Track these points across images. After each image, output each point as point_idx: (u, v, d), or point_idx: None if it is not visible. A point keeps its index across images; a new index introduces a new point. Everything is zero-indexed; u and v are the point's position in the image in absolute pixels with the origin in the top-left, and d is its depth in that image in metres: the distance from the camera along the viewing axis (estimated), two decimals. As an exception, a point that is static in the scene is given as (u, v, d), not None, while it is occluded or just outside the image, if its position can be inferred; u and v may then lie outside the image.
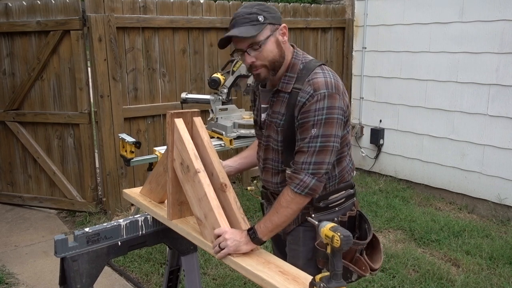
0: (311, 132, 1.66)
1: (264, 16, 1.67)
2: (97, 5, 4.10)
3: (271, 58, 1.72)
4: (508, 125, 4.27)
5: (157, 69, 4.56)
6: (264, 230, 1.68)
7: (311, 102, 1.66)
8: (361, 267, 1.79)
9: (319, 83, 1.67)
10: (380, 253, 1.89)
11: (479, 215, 4.54)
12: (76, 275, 1.89)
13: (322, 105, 1.65)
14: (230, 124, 3.54)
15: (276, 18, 1.72)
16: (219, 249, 1.66)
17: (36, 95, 4.43)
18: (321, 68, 1.74)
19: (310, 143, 1.67)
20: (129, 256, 3.58)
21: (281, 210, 1.68)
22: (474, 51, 4.44)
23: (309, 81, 1.69)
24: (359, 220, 1.92)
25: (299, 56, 1.79)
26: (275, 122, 1.79)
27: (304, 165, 1.67)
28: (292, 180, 1.69)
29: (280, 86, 1.77)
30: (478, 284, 3.25)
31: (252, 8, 1.69)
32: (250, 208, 4.46)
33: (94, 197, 4.47)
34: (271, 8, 1.72)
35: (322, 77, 1.70)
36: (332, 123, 1.67)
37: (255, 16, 1.67)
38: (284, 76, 1.77)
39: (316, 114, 1.65)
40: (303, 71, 1.74)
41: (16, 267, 3.59)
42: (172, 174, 1.91)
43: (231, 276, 3.32)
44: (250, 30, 1.66)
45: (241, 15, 1.69)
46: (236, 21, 1.69)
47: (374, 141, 5.49)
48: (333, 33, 5.78)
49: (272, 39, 1.70)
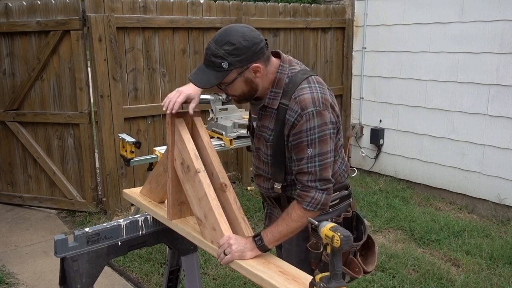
0: (307, 152, 1.65)
1: (230, 62, 1.60)
2: (97, 5, 4.10)
3: (239, 93, 1.72)
4: (508, 125, 4.27)
5: (157, 69, 4.56)
6: (271, 238, 1.68)
7: (301, 122, 1.63)
8: (354, 268, 1.79)
9: (306, 100, 1.64)
10: (374, 255, 1.89)
11: (479, 215, 4.54)
12: (76, 275, 1.89)
13: (313, 124, 1.63)
14: (230, 124, 3.54)
15: (244, 60, 1.61)
16: (224, 255, 1.66)
17: (36, 95, 4.43)
18: (307, 81, 1.69)
19: (309, 164, 1.66)
20: (129, 256, 3.58)
21: (291, 224, 1.68)
22: (474, 51, 4.44)
23: (295, 99, 1.66)
24: (356, 221, 1.92)
25: (285, 70, 1.72)
26: (264, 136, 1.79)
27: (310, 183, 1.67)
28: (303, 199, 1.68)
29: (267, 102, 1.74)
30: (478, 284, 3.25)
31: (221, 48, 1.60)
32: (250, 208, 4.46)
33: (94, 197, 4.47)
34: (241, 49, 1.60)
35: (308, 92, 1.65)
36: (326, 140, 1.66)
37: (219, 62, 1.60)
38: (270, 92, 1.73)
39: (309, 134, 1.63)
40: (289, 85, 1.70)
41: (16, 267, 3.59)
42: (172, 174, 1.91)
43: (231, 276, 3.32)
44: (211, 78, 1.64)
45: (209, 54, 1.63)
46: (205, 59, 1.66)
47: (374, 141, 5.49)
48: (333, 33, 5.78)
49: (239, 79, 1.66)
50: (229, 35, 1.61)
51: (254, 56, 1.63)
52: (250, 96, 1.74)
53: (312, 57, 5.63)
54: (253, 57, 1.63)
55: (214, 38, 1.63)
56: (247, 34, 1.62)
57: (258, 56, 1.64)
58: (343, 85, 5.93)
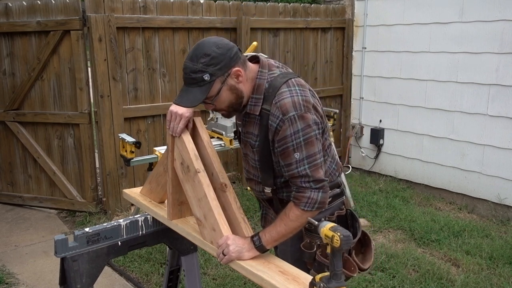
0: (294, 157, 1.64)
1: (210, 73, 1.61)
2: (97, 5, 4.10)
3: (227, 104, 1.72)
4: (508, 125, 4.27)
5: (157, 69, 4.56)
6: (269, 239, 1.68)
7: (284, 127, 1.63)
8: (350, 267, 1.79)
9: (287, 104, 1.63)
10: (371, 251, 1.89)
11: (479, 215, 4.54)
12: (76, 275, 1.89)
13: (296, 128, 1.62)
14: (230, 124, 3.54)
15: (224, 67, 1.62)
16: (223, 256, 1.66)
17: (36, 95, 4.43)
18: (287, 85, 1.68)
19: (299, 168, 1.65)
20: (129, 256, 3.58)
21: (289, 224, 1.68)
22: (474, 51, 4.44)
23: (276, 103, 1.65)
24: (351, 219, 1.92)
25: (264, 75, 1.72)
26: (250, 142, 1.80)
27: (304, 184, 1.66)
28: (299, 200, 1.67)
29: (248, 109, 1.74)
30: (478, 284, 3.25)
31: (198, 62, 1.61)
32: (250, 208, 4.46)
33: (94, 197, 4.47)
34: (217, 57, 1.61)
35: (288, 96, 1.65)
36: (312, 141, 1.65)
37: (200, 76, 1.61)
38: (251, 98, 1.73)
39: (293, 138, 1.63)
40: (269, 90, 1.69)
41: (16, 267, 3.59)
42: (172, 174, 1.91)
43: (231, 276, 3.32)
44: (197, 95, 1.63)
45: (188, 73, 1.63)
46: (185, 79, 1.66)
47: (374, 141, 5.49)
48: (333, 33, 5.78)
49: (224, 88, 1.66)
50: (201, 48, 1.63)
51: (232, 61, 1.64)
52: (238, 105, 1.73)
53: (312, 57, 5.63)
54: (230, 62, 1.64)
55: (188, 57, 1.65)
56: (218, 43, 1.64)
57: (235, 60, 1.65)
58: (343, 85, 5.93)
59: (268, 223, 1.98)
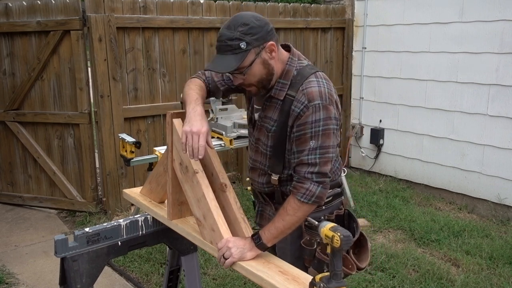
0: (309, 144, 1.66)
1: (247, 42, 1.61)
2: (97, 5, 4.10)
3: (258, 79, 1.71)
4: (508, 125, 4.28)
5: (157, 69, 4.56)
6: (268, 236, 1.68)
7: (306, 113, 1.65)
8: (348, 265, 1.80)
9: (313, 93, 1.66)
10: (367, 252, 1.90)
11: (479, 215, 4.54)
12: (76, 275, 1.89)
13: (318, 116, 1.64)
14: (230, 124, 3.54)
15: (260, 38, 1.64)
16: (224, 259, 1.65)
17: (36, 95, 4.43)
18: (315, 75, 1.72)
19: (310, 155, 1.66)
20: (129, 256, 3.58)
21: (287, 218, 1.68)
22: (474, 51, 4.44)
23: (303, 90, 1.68)
24: (348, 219, 1.93)
25: (294, 62, 1.76)
26: (266, 127, 1.79)
27: (308, 174, 1.67)
28: (297, 190, 1.68)
29: (273, 93, 1.75)
30: (478, 284, 3.25)
31: (235, 30, 1.61)
32: (250, 208, 4.46)
33: (94, 197, 4.47)
34: (255, 28, 1.62)
35: (316, 86, 1.68)
36: (329, 134, 1.67)
37: (237, 44, 1.61)
38: (278, 82, 1.74)
39: (313, 126, 1.65)
40: (297, 77, 1.72)
41: (16, 267, 3.59)
42: (172, 174, 1.91)
43: (231, 276, 3.32)
44: (232, 62, 1.62)
45: (224, 40, 1.63)
46: (219, 47, 1.66)
47: (374, 141, 5.49)
48: (333, 33, 5.78)
49: (257, 61, 1.66)
50: (240, 18, 1.64)
51: (268, 36, 1.66)
52: (268, 81, 1.73)
53: (312, 57, 5.62)
54: (267, 36, 1.66)
55: (224, 26, 1.66)
56: (257, 16, 1.67)
57: (271, 35, 1.67)
58: (343, 85, 5.93)
59: (264, 220, 1.98)
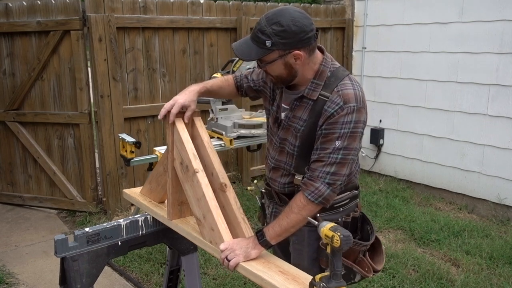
0: (335, 144, 1.66)
1: (273, 42, 1.60)
2: (97, 5, 4.10)
3: (277, 75, 1.72)
4: (508, 125, 4.28)
5: (157, 69, 4.56)
6: (272, 233, 1.68)
7: (340, 114, 1.65)
8: (364, 268, 1.80)
9: (349, 95, 1.66)
10: (382, 254, 1.90)
11: (479, 215, 4.54)
12: (76, 275, 1.89)
13: (350, 118, 1.65)
14: (230, 124, 3.54)
15: (289, 44, 1.61)
16: (228, 261, 1.64)
17: (36, 95, 4.43)
18: (349, 78, 1.73)
19: (332, 154, 1.66)
20: (129, 256, 3.58)
21: (291, 216, 1.68)
22: (474, 51, 4.44)
23: (338, 92, 1.67)
24: (361, 221, 1.93)
25: (328, 64, 1.75)
26: (295, 127, 1.78)
27: (322, 173, 1.67)
28: (307, 187, 1.68)
29: (306, 93, 1.74)
30: (478, 284, 3.25)
31: (269, 26, 1.61)
32: (250, 208, 4.46)
33: (94, 197, 4.47)
34: (289, 33, 1.60)
35: (351, 89, 1.68)
36: (355, 136, 1.68)
37: (264, 40, 1.61)
38: (311, 82, 1.73)
39: (343, 127, 1.65)
40: (331, 78, 1.72)
41: (16, 267, 3.59)
42: (172, 174, 1.91)
43: (231, 276, 3.32)
44: (252, 52, 1.65)
45: (257, 29, 1.64)
46: (252, 33, 1.67)
47: (374, 141, 5.49)
48: (333, 33, 5.78)
49: (279, 61, 1.66)
50: (281, 16, 1.61)
51: (299, 44, 1.63)
52: (288, 81, 1.74)
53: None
54: (297, 44, 1.63)
55: (267, 15, 1.65)
56: (299, 20, 1.62)
57: (303, 44, 1.64)
58: (343, 85, 5.92)
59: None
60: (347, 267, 1.78)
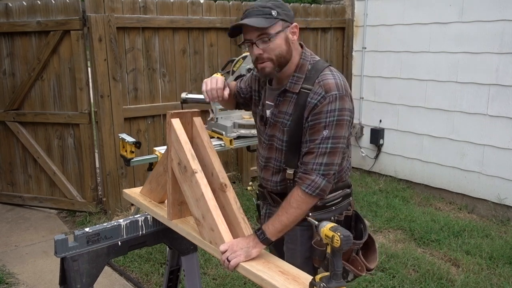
0: (322, 133, 1.68)
1: (278, 12, 1.69)
2: (97, 5, 4.10)
3: (278, 53, 1.72)
4: (508, 125, 4.28)
5: (157, 69, 4.56)
6: (272, 230, 1.68)
7: (323, 103, 1.67)
8: (357, 266, 1.80)
9: (330, 84, 1.69)
10: (375, 253, 1.90)
11: (479, 215, 4.54)
12: (76, 275, 1.89)
13: (334, 106, 1.67)
14: (230, 124, 3.54)
15: (288, 16, 1.73)
16: (228, 261, 1.64)
17: (36, 95, 4.43)
18: (329, 69, 1.76)
19: (321, 144, 1.68)
20: (129, 256, 3.59)
21: (291, 211, 1.69)
22: (474, 51, 4.44)
23: (319, 82, 1.71)
24: (355, 220, 1.93)
25: (307, 57, 1.80)
26: (281, 122, 1.79)
27: (315, 165, 1.69)
28: (303, 181, 1.70)
29: (288, 86, 1.77)
30: (478, 284, 3.25)
31: (267, 2, 1.71)
32: (250, 208, 4.46)
33: (94, 197, 4.47)
34: (285, 6, 1.73)
35: (332, 78, 1.71)
36: (342, 124, 1.69)
37: (268, 10, 1.68)
38: (292, 76, 1.77)
39: (328, 115, 1.67)
40: (311, 71, 1.75)
41: (16, 267, 3.59)
42: (172, 174, 1.91)
43: (231, 276, 3.32)
44: (262, 21, 1.67)
45: (255, 7, 1.71)
46: (249, 12, 1.71)
47: (374, 141, 5.49)
48: (333, 33, 5.78)
49: (282, 35, 1.71)
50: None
51: (293, 19, 1.76)
52: (285, 61, 1.75)
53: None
54: (292, 18, 1.75)
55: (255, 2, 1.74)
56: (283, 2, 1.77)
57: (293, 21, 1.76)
58: (343, 85, 5.92)
59: None
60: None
